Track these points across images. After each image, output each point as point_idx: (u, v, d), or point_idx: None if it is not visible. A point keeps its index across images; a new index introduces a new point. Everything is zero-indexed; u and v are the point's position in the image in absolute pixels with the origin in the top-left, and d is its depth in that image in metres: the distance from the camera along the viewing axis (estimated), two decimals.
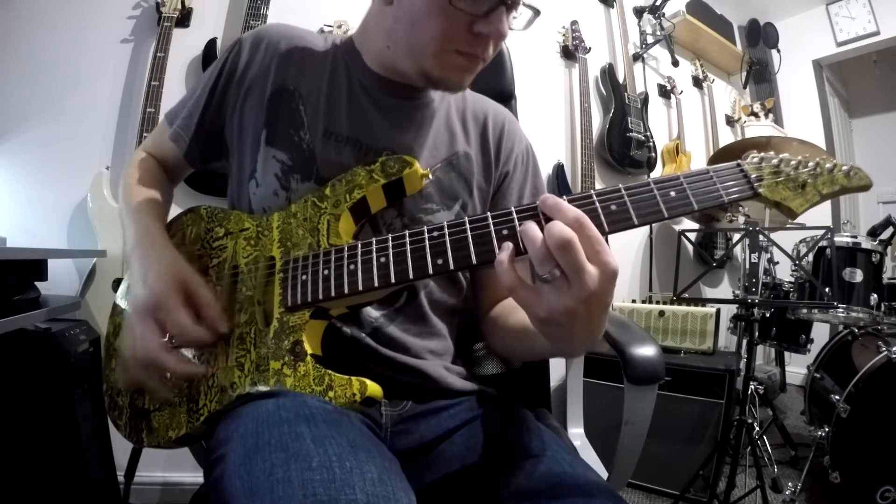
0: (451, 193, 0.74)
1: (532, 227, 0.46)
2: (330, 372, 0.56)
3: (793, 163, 0.54)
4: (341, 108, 0.71)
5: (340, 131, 0.70)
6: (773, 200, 0.53)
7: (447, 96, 0.78)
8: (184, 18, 1.62)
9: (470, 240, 0.53)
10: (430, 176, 0.67)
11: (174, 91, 1.56)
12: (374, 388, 0.55)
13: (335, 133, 0.70)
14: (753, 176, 0.53)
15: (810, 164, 0.54)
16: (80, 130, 1.54)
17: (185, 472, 1.55)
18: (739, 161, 0.54)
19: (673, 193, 0.50)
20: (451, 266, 0.53)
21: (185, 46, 1.61)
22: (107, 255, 1.41)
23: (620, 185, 0.51)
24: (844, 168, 0.54)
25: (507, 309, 0.74)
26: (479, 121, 0.80)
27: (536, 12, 0.65)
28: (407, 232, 0.56)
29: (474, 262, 0.52)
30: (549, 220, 0.46)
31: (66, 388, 1.12)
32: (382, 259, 0.56)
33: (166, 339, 0.59)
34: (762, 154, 0.54)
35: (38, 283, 1.21)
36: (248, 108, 0.72)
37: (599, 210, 0.50)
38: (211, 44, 1.61)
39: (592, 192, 0.51)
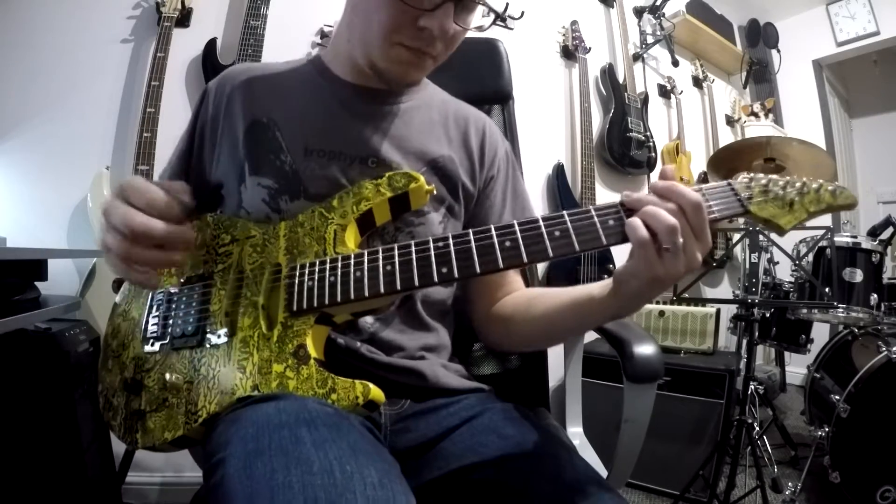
0: (438, 196, 0.74)
1: (658, 209, 0.51)
2: (333, 375, 0.56)
3: (781, 183, 0.57)
4: (319, 124, 0.72)
5: (322, 147, 0.71)
6: (762, 217, 0.56)
7: (427, 101, 0.79)
8: (184, 18, 1.62)
9: (474, 250, 0.55)
10: (435, 192, 0.68)
11: (174, 91, 1.57)
12: (376, 392, 0.55)
13: (316, 149, 0.71)
14: (744, 195, 0.56)
15: (797, 184, 0.57)
16: (80, 130, 1.54)
17: (185, 472, 1.55)
18: (730, 181, 0.57)
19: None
20: (456, 275, 0.55)
21: (185, 46, 1.61)
22: None
23: (621, 196, 0.54)
24: (830, 188, 0.57)
25: (525, 301, 0.74)
26: (460, 127, 0.80)
27: (498, 16, 0.67)
28: (412, 242, 0.58)
29: (478, 271, 0.54)
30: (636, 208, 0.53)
31: (66, 388, 1.12)
32: (388, 267, 0.57)
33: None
34: (751, 175, 0.58)
35: (38, 283, 1.21)
36: (224, 150, 0.74)
37: (598, 224, 0.54)
38: (211, 44, 1.61)
39: (591, 208, 0.55)
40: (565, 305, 0.67)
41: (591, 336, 0.87)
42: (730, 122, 3.21)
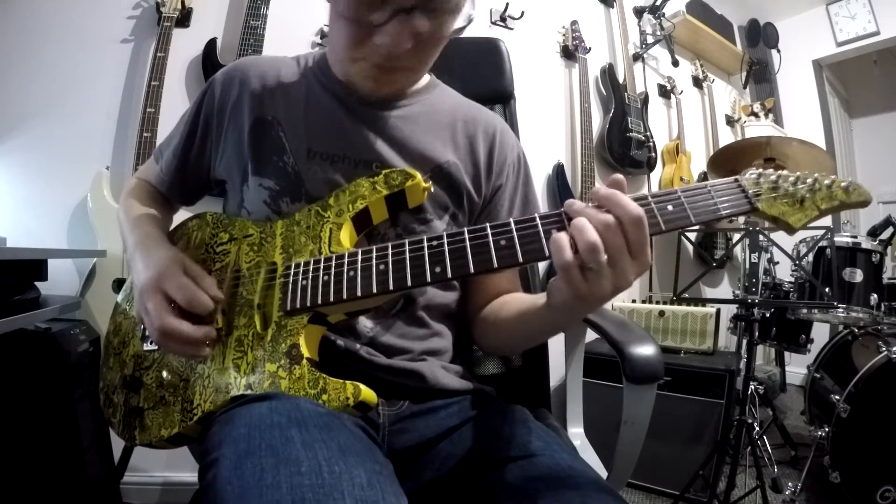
0: (441, 203, 0.74)
1: (586, 224, 0.47)
2: (325, 376, 0.56)
3: (791, 179, 0.54)
4: (322, 126, 0.72)
5: (325, 149, 0.71)
6: (770, 215, 0.53)
7: (434, 105, 0.77)
8: (184, 18, 1.61)
9: (468, 249, 0.54)
10: (432, 189, 0.68)
11: (174, 91, 1.57)
12: (367, 393, 0.55)
13: (319, 152, 0.71)
14: (751, 192, 0.53)
15: (808, 180, 0.54)
16: (80, 130, 1.54)
17: (185, 472, 1.55)
18: (737, 177, 0.54)
19: (670, 207, 0.51)
20: (450, 274, 0.54)
21: (185, 46, 1.61)
22: (107, 255, 1.41)
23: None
24: (843, 184, 0.54)
25: (497, 305, 0.75)
26: (469, 132, 0.78)
27: (470, 19, 0.65)
28: (406, 241, 0.57)
29: (472, 270, 0.53)
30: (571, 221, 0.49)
31: (66, 388, 1.12)
32: (382, 266, 0.57)
33: (174, 306, 0.61)
34: (760, 170, 0.54)
35: (38, 283, 1.21)
36: (229, 145, 0.74)
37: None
38: (211, 44, 1.61)
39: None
40: (518, 313, 0.68)
41: (591, 336, 0.87)
42: (730, 122, 3.21)
